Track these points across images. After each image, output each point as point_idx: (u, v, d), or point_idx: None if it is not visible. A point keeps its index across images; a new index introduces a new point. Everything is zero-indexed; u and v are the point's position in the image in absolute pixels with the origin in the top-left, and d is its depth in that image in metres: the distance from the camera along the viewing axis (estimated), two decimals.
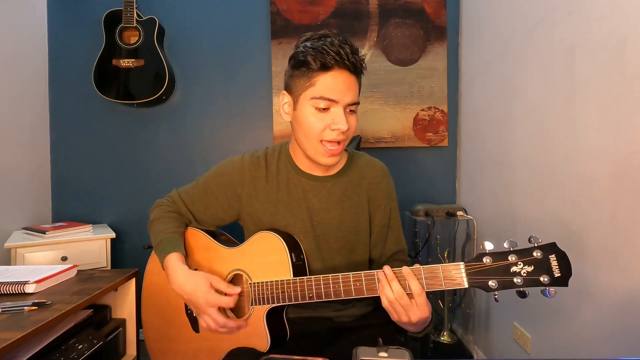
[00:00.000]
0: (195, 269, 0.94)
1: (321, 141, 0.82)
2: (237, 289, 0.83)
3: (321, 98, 0.79)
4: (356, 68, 0.80)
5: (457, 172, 2.07)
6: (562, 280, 0.62)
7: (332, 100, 0.79)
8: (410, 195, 2.03)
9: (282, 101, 0.88)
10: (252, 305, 0.85)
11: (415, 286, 0.68)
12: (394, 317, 0.72)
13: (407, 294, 0.69)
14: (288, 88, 0.86)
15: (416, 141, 2.02)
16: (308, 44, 0.81)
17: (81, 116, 1.98)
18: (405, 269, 0.70)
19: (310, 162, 0.90)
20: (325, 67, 0.78)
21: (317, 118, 0.81)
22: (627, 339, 0.98)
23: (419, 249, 1.86)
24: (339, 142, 0.82)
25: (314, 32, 0.83)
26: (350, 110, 0.83)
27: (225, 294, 0.83)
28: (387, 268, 0.71)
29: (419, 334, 0.79)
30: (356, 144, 1.76)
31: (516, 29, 1.48)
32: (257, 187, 0.93)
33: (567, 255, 0.63)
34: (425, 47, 2.00)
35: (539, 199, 1.33)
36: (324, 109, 0.80)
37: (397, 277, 0.70)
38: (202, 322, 0.84)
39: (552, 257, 0.63)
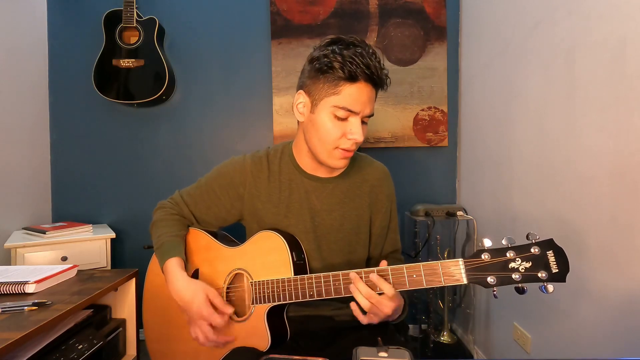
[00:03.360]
0: (197, 269, 0.94)
1: (336, 148, 0.83)
2: (231, 309, 0.84)
3: (343, 108, 0.79)
4: (382, 83, 0.81)
5: (457, 172, 2.07)
6: (560, 276, 0.63)
7: (353, 112, 0.79)
8: (410, 195, 2.03)
9: (297, 100, 0.86)
10: (252, 304, 0.85)
11: (386, 288, 0.71)
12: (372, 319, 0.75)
13: (379, 293, 0.72)
14: (307, 89, 0.84)
15: (416, 141, 2.02)
16: (336, 49, 0.79)
17: (81, 116, 1.98)
18: (372, 275, 0.73)
19: (315, 163, 0.90)
20: (352, 78, 0.78)
21: (335, 125, 0.81)
22: (627, 338, 0.98)
23: (419, 249, 1.85)
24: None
25: (338, 36, 0.82)
26: (364, 122, 0.83)
27: (219, 313, 0.83)
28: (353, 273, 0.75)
29: (398, 319, 0.82)
30: None
31: (516, 29, 1.48)
32: (260, 187, 0.93)
33: (565, 251, 0.64)
34: (425, 47, 2.00)
35: (539, 199, 1.33)
36: (342, 118, 0.80)
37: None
38: (192, 332, 0.85)
39: (550, 253, 0.64)
